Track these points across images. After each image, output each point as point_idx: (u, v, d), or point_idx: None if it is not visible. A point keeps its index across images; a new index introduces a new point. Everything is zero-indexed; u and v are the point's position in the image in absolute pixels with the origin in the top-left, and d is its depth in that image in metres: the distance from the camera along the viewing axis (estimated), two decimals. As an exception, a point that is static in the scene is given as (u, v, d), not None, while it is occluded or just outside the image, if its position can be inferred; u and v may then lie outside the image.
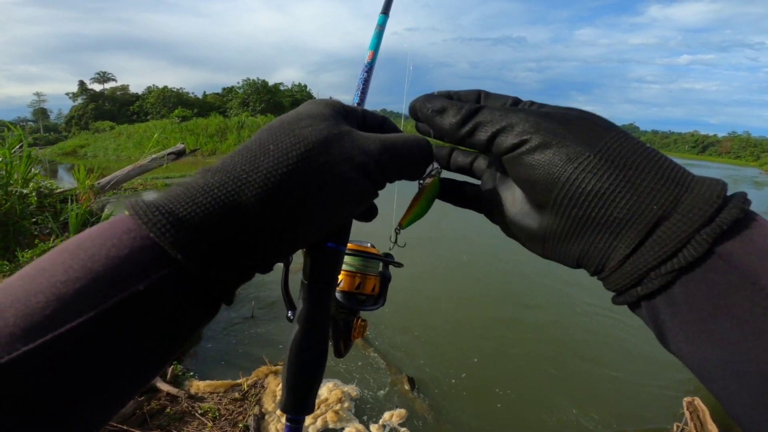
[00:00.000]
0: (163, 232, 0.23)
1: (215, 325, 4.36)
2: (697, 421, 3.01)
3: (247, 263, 0.26)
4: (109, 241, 0.22)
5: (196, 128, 23.27)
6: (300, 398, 0.38)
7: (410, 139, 0.32)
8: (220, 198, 0.24)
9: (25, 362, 0.19)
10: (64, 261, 0.22)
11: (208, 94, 45.65)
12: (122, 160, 19.34)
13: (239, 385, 3.34)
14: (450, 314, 4.98)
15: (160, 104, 38.94)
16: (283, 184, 0.25)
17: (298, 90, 42.40)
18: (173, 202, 0.24)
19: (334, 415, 3.09)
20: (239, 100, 38.14)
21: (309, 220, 0.27)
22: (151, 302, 0.22)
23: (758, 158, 50.83)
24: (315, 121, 0.29)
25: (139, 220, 0.23)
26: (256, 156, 0.26)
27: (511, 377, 3.82)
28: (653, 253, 0.23)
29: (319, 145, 0.27)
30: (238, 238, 0.24)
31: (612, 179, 0.24)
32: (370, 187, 0.30)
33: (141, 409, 2.93)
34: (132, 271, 0.22)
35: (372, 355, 3.90)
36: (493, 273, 6.47)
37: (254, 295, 5.09)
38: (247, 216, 0.24)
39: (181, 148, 6.61)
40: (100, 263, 0.22)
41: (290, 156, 0.26)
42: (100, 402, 0.22)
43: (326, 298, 0.39)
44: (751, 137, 64.35)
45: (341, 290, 0.49)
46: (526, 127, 0.27)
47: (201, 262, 0.23)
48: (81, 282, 0.21)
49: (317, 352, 0.39)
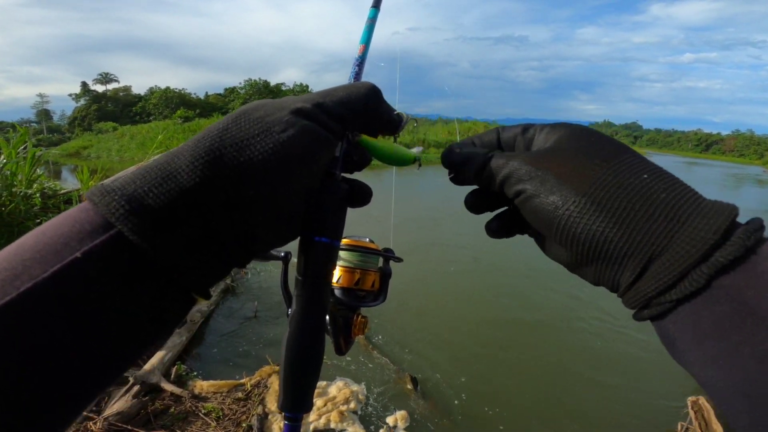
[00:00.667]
0: (99, 200, 0.23)
1: (219, 326, 4.38)
2: (701, 420, 3.02)
3: (191, 231, 0.24)
4: (66, 218, 0.23)
5: (198, 129, 23.19)
6: (297, 396, 0.38)
7: (351, 84, 0.32)
8: (153, 168, 0.24)
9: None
10: (36, 237, 0.22)
11: (210, 94, 45.77)
12: (125, 161, 19.41)
13: (242, 384, 3.35)
14: (454, 315, 4.98)
15: (162, 105, 39.02)
16: (213, 147, 0.25)
17: (300, 90, 42.45)
18: (116, 179, 0.24)
19: (339, 415, 3.10)
20: (241, 101, 38.25)
21: (251, 184, 0.25)
22: (92, 269, 0.22)
23: (762, 156, 50.55)
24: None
25: (87, 199, 0.24)
26: (197, 136, 0.27)
27: (516, 380, 3.81)
28: (651, 284, 0.25)
29: (250, 107, 0.27)
30: (173, 204, 0.23)
31: (600, 221, 0.26)
32: (316, 128, 0.28)
33: (145, 409, 2.95)
34: (74, 241, 0.22)
35: (374, 354, 3.91)
36: (499, 276, 6.46)
37: (258, 295, 5.12)
38: (179, 183, 0.24)
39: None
40: (51, 236, 0.22)
41: (221, 123, 0.27)
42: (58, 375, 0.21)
43: (319, 294, 0.38)
44: (754, 135, 63.93)
45: (340, 286, 0.48)
46: (522, 174, 0.29)
47: (137, 225, 0.23)
48: (39, 253, 0.21)
49: (313, 349, 0.38)
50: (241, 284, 5.38)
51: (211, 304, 4.65)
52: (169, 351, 3.57)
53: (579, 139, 0.30)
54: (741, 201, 7.42)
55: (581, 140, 0.30)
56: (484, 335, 4.52)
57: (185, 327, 3.99)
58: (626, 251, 0.25)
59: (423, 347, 4.15)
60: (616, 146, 0.29)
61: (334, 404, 3.22)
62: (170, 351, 3.58)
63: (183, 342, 3.82)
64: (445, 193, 13.53)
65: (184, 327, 3.98)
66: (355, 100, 0.30)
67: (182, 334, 3.88)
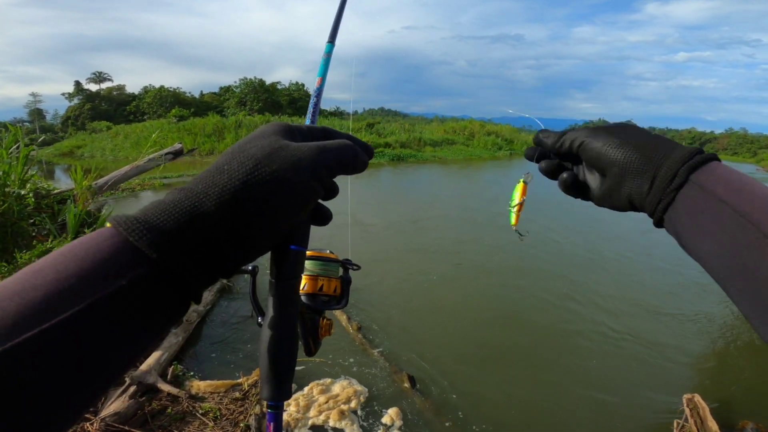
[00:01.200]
0: (140, 236, 0.28)
1: (216, 326, 4.36)
2: (697, 417, 3.02)
3: (214, 263, 0.31)
4: (95, 246, 0.27)
5: (193, 128, 23.14)
6: (279, 386, 0.42)
7: (341, 142, 0.39)
8: (185, 209, 0.30)
9: (26, 349, 0.22)
10: (57, 263, 0.26)
11: (205, 93, 45.46)
12: (120, 160, 19.26)
13: (240, 384, 3.34)
14: (451, 314, 4.99)
15: (157, 104, 38.65)
16: (237, 194, 0.31)
17: (296, 89, 42.24)
18: (147, 214, 0.29)
19: (339, 414, 3.09)
20: (236, 100, 37.92)
21: (264, 222, 0.33)
22: (133, 296, 0.26)
23: (755, 154, 50.86)
24: (260, 140, 0.35)
25: (120, 228, 0.28)
26: (213, 175, 0.32)
27: (511, 377, 3.83)
28: (660, 184, 0.40)
29: (264, 158, 0.33)
30: (202, 240, 0.29)
31: (628, 151, 0.43)
32: (313, 183, 0.35)
33: (142, 409, 2.93)
34: (116, 270, 0.26)
35: (372, 352, 3.91)
36: (494, 275, 6.47)
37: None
38: (208, 222, 0.30)
39: (178, 147, 6.58)
40: (88, 264, 0.26)
41: (240, 171, 0.32)
42: (91, 387, 0.25)
43: (291, 293, 0.43)
44: (748, 134, 64.22)
45: (305, 293, 0.54)
46: (581, 135, 0.48)
47: (173, 260, 0.28)
48: (72, 280, 0.25)
49: (290, 341, 0.43)
50: (238, 284, 5.35)
51: (208, 304, 4.63)
52: (166, 351, 3.55)
53: (614, 124, 0.49)
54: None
55: (615, 123, 0.49)
56: (481, 336, 4.54)
57: (181, 327, 3.96)
58: (643, 167, 0.41)
59: (421, 347, 4.15)
60: (630, 124, 0.49)
61: (336, 402, 3.22)
62: (166, 351, 3.55)
63: (179, 342, 3.79)
64: (436, 190, 13.56)
65: (180, 327, 3.96)
66: (346, 164, 0.38)
67: (178, 334, 3.86)
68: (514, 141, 33.03)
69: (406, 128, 30.16)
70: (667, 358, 4.25)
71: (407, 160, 22.40)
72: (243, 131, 22.97)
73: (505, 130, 34.49)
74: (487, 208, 10.40)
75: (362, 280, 5.60)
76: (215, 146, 21.90)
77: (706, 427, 2.94)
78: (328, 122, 27.33)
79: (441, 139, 29.18)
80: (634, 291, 5.93)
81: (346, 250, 0.55)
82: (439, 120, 40.59)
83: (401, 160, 22.22)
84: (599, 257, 7.39)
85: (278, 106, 37.43)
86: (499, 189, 13.66)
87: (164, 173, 13.66)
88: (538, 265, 6.75)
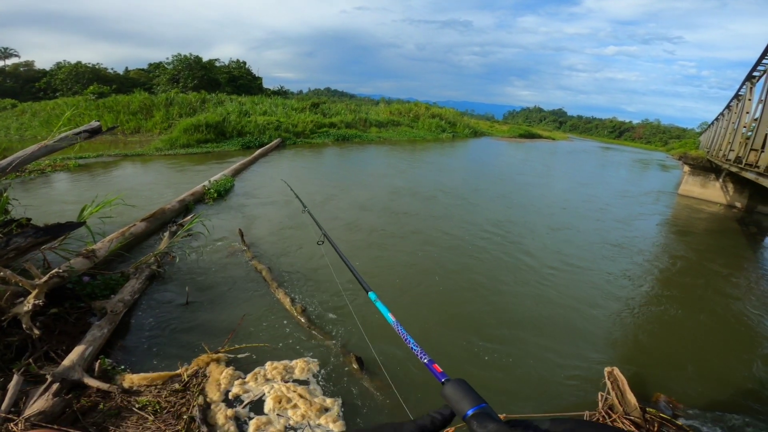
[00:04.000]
0: None
1: (147, 315, 4.08)
2: (617, 390, 3.23)
3: None
4: None
5: (115, 105, 20.89)
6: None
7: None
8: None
9: None
10: None
11: (131, 70, 41.13)
12: (27, 140, 16.92)
13: (179, 375, 3.19)
14: (400, 294, 5.12)
15: (72, 80, 34.17)
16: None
17: (236, 67, 39.70)
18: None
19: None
20: (168, 77, 34.80)
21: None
22: None
23: (666, 144, 57.06)
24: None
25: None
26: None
27: (447, 356, 4.04)
28: None
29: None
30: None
31: None
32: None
33: (70, 407, 2.71)
34: None
35: (317, 336, 3.92)
36: (439, 245, 6.71)
37: (188, 279, 4.83)
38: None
39: (95, 126, 5.92)
40: None
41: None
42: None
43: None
44: (661, 125, 71.77)
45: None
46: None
47: None
48: None
49: None
50: (170, 269, 5.04)
51: (136, 293, 4.31)
52: (90, 345, 3.28)
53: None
54: (647, 183, 8.44)
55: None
56: (429, 316, 4.70)
57: (106, 319, 3.67)
58: None
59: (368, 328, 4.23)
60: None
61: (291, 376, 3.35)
62: (91, 345, 3.29)
63: (105, 335, 3.52)
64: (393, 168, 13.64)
65: (105, 319, 3.66)
66: None
67: (103, 326, 3.57)
68: (457, 124, 34.14)
69: (352, 109, 29.82)
70: (590, 333, 4.74)
71: (352, 141, 22.31)
72: (175, 109, 21.20)
73: (449, 113, 35.45)
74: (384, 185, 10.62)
75: (307, 263, 5.56)
76: (142, 124, 20.01)
77: (626, 400, 3.14)
78: (270, 101, 26.14)
79: (387, 120, 29.26)
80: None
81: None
82: (385, 102, 40.53)
83: (346, 140, 22.08)
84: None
85: (216, 83, 34.97)
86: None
87: (81, 153, 12.27)
88: (480, 247, 7.13)
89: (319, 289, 4.89)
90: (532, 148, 30.46)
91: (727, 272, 7.15)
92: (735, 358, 4.38)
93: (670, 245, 8.61)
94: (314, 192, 9.74)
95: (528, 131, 46.21)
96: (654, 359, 4.23)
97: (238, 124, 18.88)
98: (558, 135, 58.54)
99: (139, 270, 4.72)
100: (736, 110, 12.99)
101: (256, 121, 19.76)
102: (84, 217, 4.57)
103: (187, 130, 16.85)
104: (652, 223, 10.48)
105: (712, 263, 7.53)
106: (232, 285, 4.84)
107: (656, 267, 7.04)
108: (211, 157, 14.16)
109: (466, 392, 0.50)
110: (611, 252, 7.51)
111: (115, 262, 5.06)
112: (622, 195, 14.14)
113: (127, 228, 5.69)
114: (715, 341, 4.69)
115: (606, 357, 4.14)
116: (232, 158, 13.74)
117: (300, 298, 4.63)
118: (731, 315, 5.41)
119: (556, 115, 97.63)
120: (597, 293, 5.64)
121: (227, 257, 5.61)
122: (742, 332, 4.98)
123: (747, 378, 4.04)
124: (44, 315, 3.53)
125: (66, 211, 6.45)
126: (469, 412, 0.47)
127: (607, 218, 10.23)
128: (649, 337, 4.68)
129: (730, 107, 15.03)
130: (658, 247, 8.27)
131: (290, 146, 18.52)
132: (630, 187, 16.03)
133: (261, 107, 23.57)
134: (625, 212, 11.25)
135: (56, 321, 3.58)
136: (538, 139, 42.87)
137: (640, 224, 10.04)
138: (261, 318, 4.19)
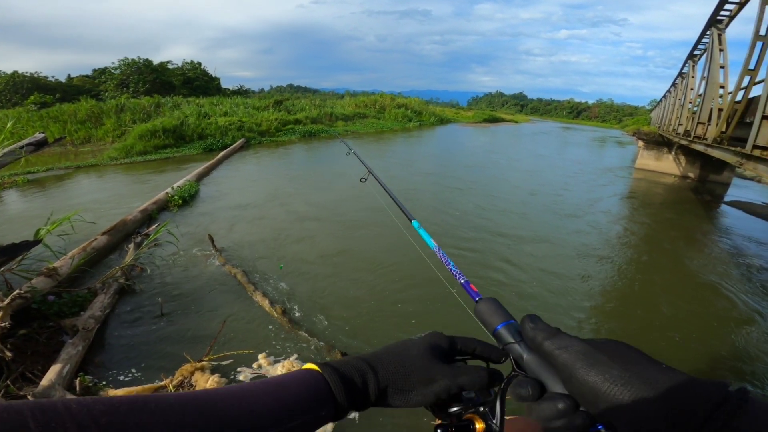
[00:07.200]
0: (339, 392, 0.45)
1: (123, 328, 3.93)
2: None
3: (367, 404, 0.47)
4: (305, 390, 0.44)
5: (61, 115, 19.51)
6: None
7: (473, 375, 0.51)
8: (361, 374, 0.48)
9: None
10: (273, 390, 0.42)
11: (74, 77, 38.58)
12: (-35, 157, 15.61)
13: (164, 387, 3.12)
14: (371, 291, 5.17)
15: (10, 91, 31.72)
16: (389, 376, 0.48)
17: (191, 68, 38.05)
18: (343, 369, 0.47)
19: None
20: (116, 82, 32.90)
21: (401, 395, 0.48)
22: (320, 422, 0.43)
23: (620, 121, 59.79)
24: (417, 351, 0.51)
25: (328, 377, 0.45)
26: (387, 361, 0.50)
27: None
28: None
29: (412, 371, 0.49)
30: (367, 394, 0.47)
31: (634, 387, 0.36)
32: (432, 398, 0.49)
33: None
34: (314, 405, 0.43)
35: (301, 335, 3.92)
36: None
37: (161, 290, 4.68)
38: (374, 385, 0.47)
39: (41, 137, 5.57)
40: (293, 400, 0.42)
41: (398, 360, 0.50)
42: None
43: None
44: (614, 104, 75.25)
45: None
46: (574, 356, 0.42)
47: (347, 405, 0.45)
48: (284, 403, 0.41)
49: None
50: (140, 282, 4.86)
51: (106, 308, 4.14)
52: (66, 363, 3.16)
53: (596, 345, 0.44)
54: (606, 159, 8.93)
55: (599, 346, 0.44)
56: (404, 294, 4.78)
57: (78, 336, 3.53)
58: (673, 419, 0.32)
59: (348, 325, 4.26)
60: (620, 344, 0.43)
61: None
62: (67, 363, 3.17)
63: (80, 352, 3.39)
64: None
65: (78, 336, 3.52)
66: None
67: (77, 344, 3.44)
68: (423, 113, 34.34)
69: (317, 104, 29.29)
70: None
71: (319, 136, 21.95)
72: (127, 115, 20.07)
73: (415, 102, 35.56)
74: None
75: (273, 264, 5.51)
76: (92, 133, 18.84)
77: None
78: (230, 101, 25.32)
79: (353, 114, 28.99)
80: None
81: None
82: (350, 95, 40.09)
83: (313, 136, 21.69)
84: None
85: (170, 86, 33.44)
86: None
87: (28, 168, 11.49)
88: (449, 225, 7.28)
89: (297, 289, 4.86)
90: (497, 132, 31.14)
91: (685, 241, 7.66)
92: (688, 310, 4.72)
93: (631, 214, 9.13)
94: (277, 190, 9.59)
95: (492, 116, 47.21)
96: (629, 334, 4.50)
97: (197, 127, 18.15)
98: (520, 118, 60.13)
99: (106, 284, 4.53)
100: (681, 87, 13.76)
101: (217, 123, 19.07)
102: (41, 235, 4.32)
103: (143, 137, 16.03)
104: (614, 197, 11.04)
105: (671, 231, 8.03)
106: (207, 292, 4.73)
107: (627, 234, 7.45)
108: (172, 163, 13.61)
109: (497, 309, 0.55)
110: (578, 224, 7.86)
111: (80, 279, 4.83)
112: (583, 172, 14.77)
113: (89, 243, 5.42)
114: (679, 295, 5.06)
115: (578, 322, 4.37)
116: (194, 162, 13.26)
117: (279, 299, 4.60)
118: (691, 274, 5.82)
119: (517, 99, 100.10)
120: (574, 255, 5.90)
121: (199, 264, 5.46)
122: (699, 289, 5.39)
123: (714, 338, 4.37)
124: (14, 337, 3.37)
125: (21, 230, 6.06)
126: (498, 327, 0.52)
127: (571, 193, 10.69)
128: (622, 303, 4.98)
129: (675, 85, 15.88)
130: (622, 218, 8.76)
131: (255, 146, 18.04)
132: (589, 164, 16.75)
133: (221, 108, 22.76)
134: (586, 191, 11.74)
135: (27, 342, 3.43)
136: (501, 123, 43.87)
137: (603, 200, 10.55)
138: (241, 322, 4.13)
